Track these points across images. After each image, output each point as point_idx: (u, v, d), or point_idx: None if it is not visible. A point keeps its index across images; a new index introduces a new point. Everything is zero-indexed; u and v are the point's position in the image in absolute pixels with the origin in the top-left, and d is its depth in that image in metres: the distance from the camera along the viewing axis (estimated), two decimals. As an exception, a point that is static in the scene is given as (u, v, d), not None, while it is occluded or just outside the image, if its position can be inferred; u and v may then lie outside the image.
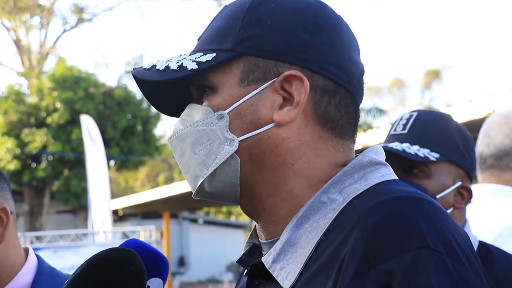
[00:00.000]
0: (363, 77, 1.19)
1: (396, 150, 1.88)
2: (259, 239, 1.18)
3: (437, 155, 1.91)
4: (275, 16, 1.13)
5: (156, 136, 23.38)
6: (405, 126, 1.97)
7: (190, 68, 1.13)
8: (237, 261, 1.21)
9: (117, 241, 9.22)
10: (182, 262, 26.79)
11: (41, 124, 20.69)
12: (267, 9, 1.14)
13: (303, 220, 1.09)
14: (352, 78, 1.15)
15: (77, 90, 20.52)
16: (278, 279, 1.08)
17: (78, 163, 20.23)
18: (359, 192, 1.07)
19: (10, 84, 21.73)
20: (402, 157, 1.88)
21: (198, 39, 1.21)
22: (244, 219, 32.69)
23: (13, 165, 20.51)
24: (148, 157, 23.84)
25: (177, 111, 1.21)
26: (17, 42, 24.63)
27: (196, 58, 1.14)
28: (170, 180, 34.24)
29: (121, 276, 1.08)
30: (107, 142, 19.27)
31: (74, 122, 19.90)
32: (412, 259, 0.95)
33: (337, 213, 1.07)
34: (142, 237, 9.03)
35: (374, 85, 41.40)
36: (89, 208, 11.71)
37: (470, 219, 2.05)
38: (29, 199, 21.47)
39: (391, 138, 1.98)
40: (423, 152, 1.90)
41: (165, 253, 15.98)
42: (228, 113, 1.13)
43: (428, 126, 1.96)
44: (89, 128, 12.35)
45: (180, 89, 1.19)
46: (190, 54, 1.17)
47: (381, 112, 17.24)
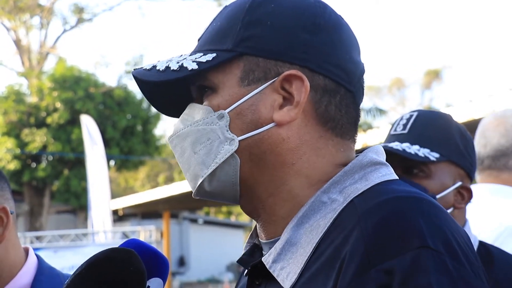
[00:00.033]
0: (363, 76, 1.19)
1: (396, 150, 1.88)
2: (260, 239, 1.18)
3: (437, 155, 1.91)
4: (275, 16, 1.13)
5: (156, 136, 23.38)
6: (405, 126, 1.97)
7: (190, 68, 1.13)
8: (237, 261, 1.21)
9: (117, 241, 9.21)
10: (182, 262, 26.78)
11: (41, 124, 20.69)
12: (267, 9, 1.14)
13: (304, 220, 1.09)
14: (352, 77, 1.15)
15: (77, 90, 20.51)
16: (278, 279, 1.08)
17: (78, 163, 20.23)
18: (359, 192, 1.07)
19: (10, 84, 21.74)
20: (402, 157, 1.88)
21: (198, 39, 1.21)
22: (244, 219, 32.69)
23: (13, 165, 20.51)
24: (148, 157, 23.84)
25: (178, 111, 1.21)
26: (17, 42, 24.62)
27: (196, 58, 1.14)
28: (170, 180, 34.23)
29: (121, 276, 1.08)
30: (107, 142, 19.27)
31: (74, 122, 19.90)
32: (412, 259, 0.95)
33: (337, 213, 1.07)
34: (142, 237, 9.02)
35: (374, 85, 41.41)
36: (89, 208, 11.71)
37: (470, 219, 2.05)
38: (29, 199, 21.47)
39: (391, 138, 1.98)
40: (423, 152, 1.90)
41: (165, 253, 15.98)
42: (228, 112, 1.12)
43: (428, 126, 1.96)
44: (89, 128, 12.35)
45: (180, 89, 1.19)
46: (190, 54, 1.17)
47: (381, 112, 17.20)
